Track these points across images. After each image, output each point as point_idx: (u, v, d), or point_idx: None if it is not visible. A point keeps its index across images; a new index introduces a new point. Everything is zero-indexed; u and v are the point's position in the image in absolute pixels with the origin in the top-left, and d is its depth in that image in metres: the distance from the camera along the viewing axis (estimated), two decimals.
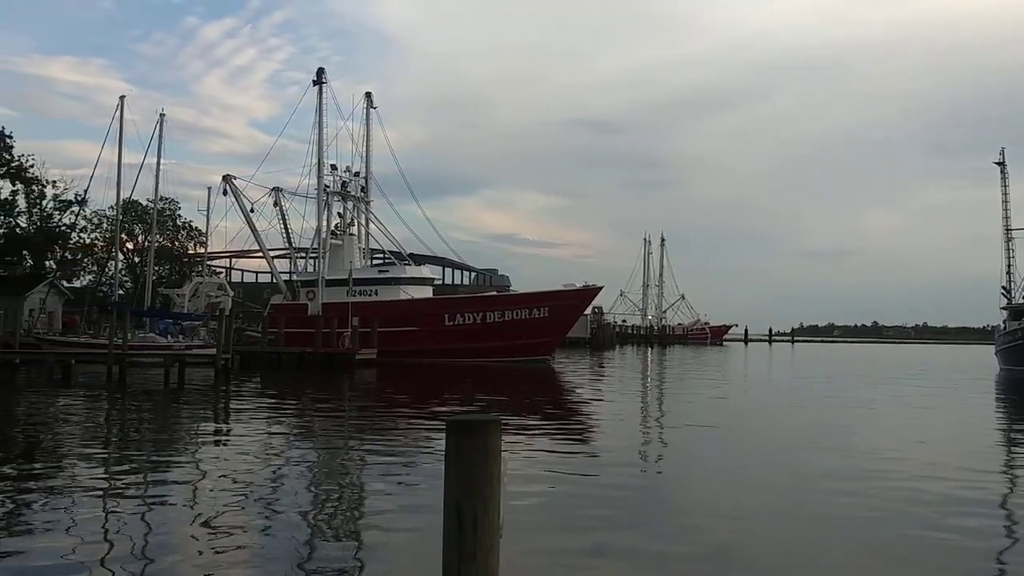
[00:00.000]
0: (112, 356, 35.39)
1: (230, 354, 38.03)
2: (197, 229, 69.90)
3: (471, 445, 3.93)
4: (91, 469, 14.63)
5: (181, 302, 55.87)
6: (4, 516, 11.00)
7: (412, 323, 52.89)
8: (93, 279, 63.35)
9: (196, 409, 26.15)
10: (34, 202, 58.74)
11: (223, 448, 17.72)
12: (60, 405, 26.35)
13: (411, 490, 12.66)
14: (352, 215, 60.90)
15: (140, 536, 9.74)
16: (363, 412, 25.65)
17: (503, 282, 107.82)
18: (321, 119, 58.04)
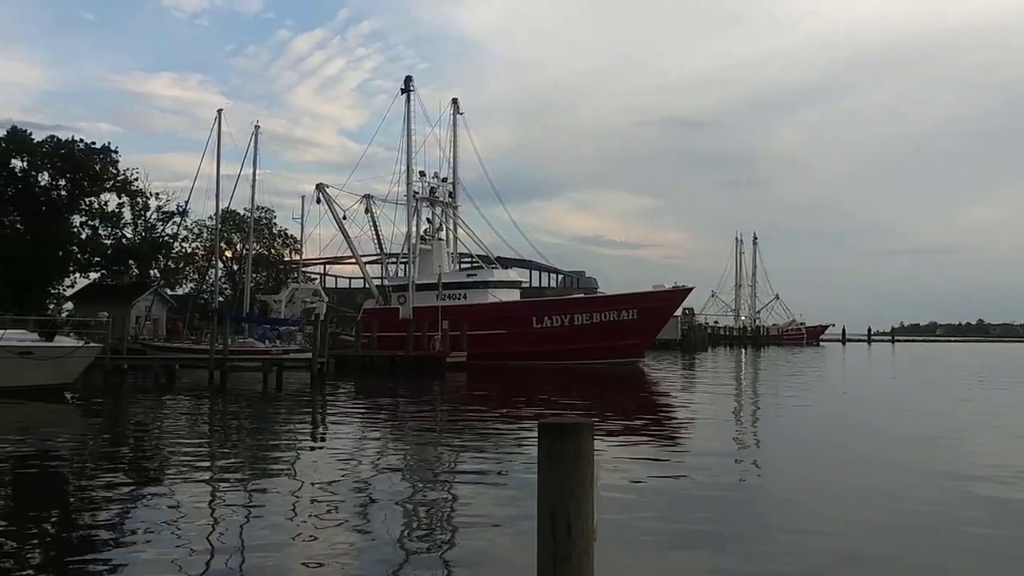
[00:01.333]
0: (213, 361, 36.63)
1: (325, 358, 38.90)
2: (292, 237, 71.91)
3: (564, 448, 3.92)
4: (194, 470, 15.17)
5: (278, 308, 57.53)
6: (115, 515, 11.52)
7: (500, 326, 53.15)
8: (194, 287, 65.83)
9: (293, 412, 26.85)
10: (139, 214, 61.35)
11: (320, 451, 18.14)
12: (165, 408, 27.46)
13: (503, 492, 12.71)
14: (441, 220, 61.66)
15: (241, 536, 10.04)
16: (454, 414, 25.90)
17: (590, 284, 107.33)
18: (409, 127, 58.96)
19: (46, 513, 11.58)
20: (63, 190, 56.11)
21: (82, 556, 9.34)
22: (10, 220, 52.95)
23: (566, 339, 53.41)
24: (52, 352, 28.80)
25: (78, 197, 56.51)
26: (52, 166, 55.53)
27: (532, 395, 31.70)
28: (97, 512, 11.64)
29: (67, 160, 55.37)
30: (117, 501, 12.36)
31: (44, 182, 55.76)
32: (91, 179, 56.57)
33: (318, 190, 59.40)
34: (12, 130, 54.98)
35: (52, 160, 55.33)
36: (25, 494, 13.29)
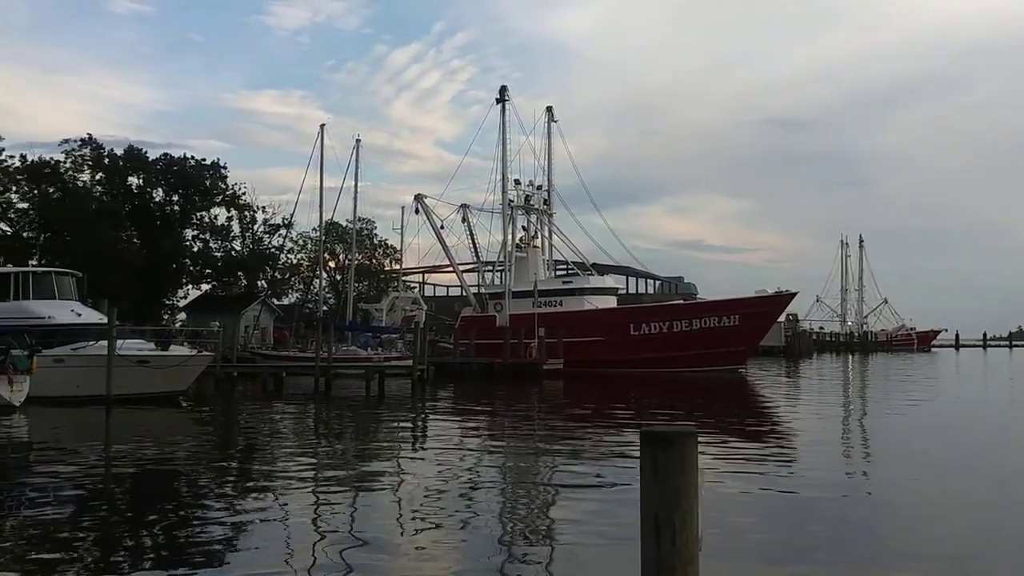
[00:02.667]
0: (319, 368, 37.66)
1: (425, 365, 39.49)
2: (392, 247, 73.26)
3: (667, 457, 3.88)
4: (301, 474, 15.63)
5: (379, 316, 58.70)
6: (226, 516, 11.97)
7: (597, 333, 52.86)
8: (300, 296, 67.78)
9: (395, 418, 27.35)
10: (246, 227, 63.62)
11: (421, 455, 18.43)
12: (273, 414, 28.38)
13: (603, 501, 12.64)
14: (536, 228, 61.80)
15: (345, 540, 10.26)
16: (552, 422, 25.92)
17: (689, 290, 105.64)
18: (504, 136, 59.33)
19: (162, 513, 12.12)
20: (176, 205, 58.75)
21: (195, 554, 9.74)
22: (128, 235, 55.70)
23: (664, 346, 52.70)
24: (168, 361, 30.13)
25: (190, 212, 59.06)
26: (166, 182, 58.21)
27: (630, 403, 31.44)
28: (209, 512, 12.12)
29: (180, 176, 57.95)
30: (228, 503, 12.86)
31: (159, 198, 58.51)
32: (202, 194, 59.03)
33: (417, 201, 60.42)
34: (129, 149, 57.93)
35: (166, 177, 58.01)
36: (143, 495, 13.95)
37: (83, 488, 14.34)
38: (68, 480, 15.07)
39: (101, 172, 56.49)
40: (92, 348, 28.44)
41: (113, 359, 27.67)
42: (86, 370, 27.67)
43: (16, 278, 31.42)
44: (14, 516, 12.05)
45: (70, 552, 9.75)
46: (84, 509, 12.51)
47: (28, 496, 13.53)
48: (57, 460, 17.53)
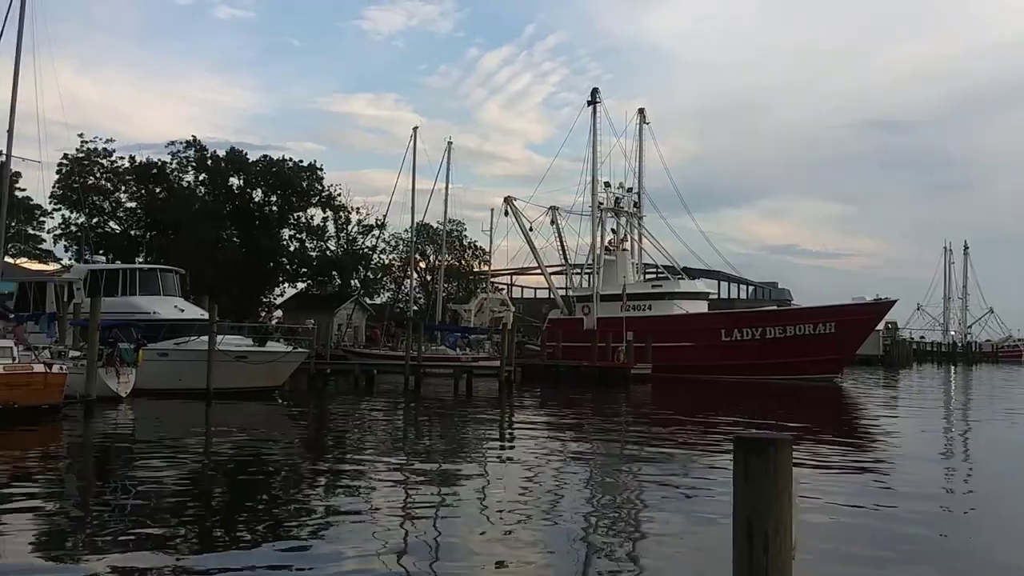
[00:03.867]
0: (409, 367, 38.26)
1: (512, 366, 39.68)
2: (481, 248, 73.91)
3: (762, 463, 3.82)
4: (390, 470, 15.91)
5: (468, 317, 59.28)
6: (317, 509, 12.30)
7: (687, 338, 52.14)
8: (391, 296, 69.00)
9: (483, 418, 27.56)
10: (341, 227, 65.02)
11: (508, 456, 18.54)
12: (364, 410, 28.97)
13: (692, 506, 12.47)
14: (625, 230, 61.43)
15: (431, 537, 10.38)
16: (640, 426, 25.71)
17: (783, 296, 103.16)
18: (595, 138, 59.15)
19: (255, 504, 12.54)
20: (274, 206, 60.52)
21: (286, 544, 10.02)
22: (228, 234, 57.68)
23: (757, 353, 51.62)
24: (265, 357, 31.09)
25: (287, 212, 60.75)
26: (265, 183, 60.04)
27: (721, 409, 30.90)
28: (300, 506, 12.48)
29: (278, 178, 59.69)
30: (319, 497, 13.20)
31: (258, 198, 60.39)
32: (299, 195, 60.67)
33: (506, 203, 60.78)
34: (231, 151, 59.97)
35: (265, 178, 59.84)
36: (240, 485, 14.43)
37: (183, 477, 14.94)
38: (170, 469, 15.73)
39: (204, 173, 58.67)
40: (194, 343, 29.56)
41: (214, 354, 28.69)
42: (188, 364, 28.76)
43: (124, 274, 32.97)
44: (119, 502, 12.65)
45: (170, 538, 10.17)
46: (184, 497, 13.03)
47: (133, 484, 14.17)
48: (160, 450, 18.29)
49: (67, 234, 54.61)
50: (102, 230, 54.72)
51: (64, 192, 53.14)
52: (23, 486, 13.92)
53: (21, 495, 12.99)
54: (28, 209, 53.39)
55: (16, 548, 9.69)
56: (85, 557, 9.24)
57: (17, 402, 20.94)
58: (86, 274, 32.30)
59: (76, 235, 52.51)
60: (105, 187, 56.05)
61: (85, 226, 50.60)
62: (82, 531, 10.58)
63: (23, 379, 21.67)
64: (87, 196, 51.39)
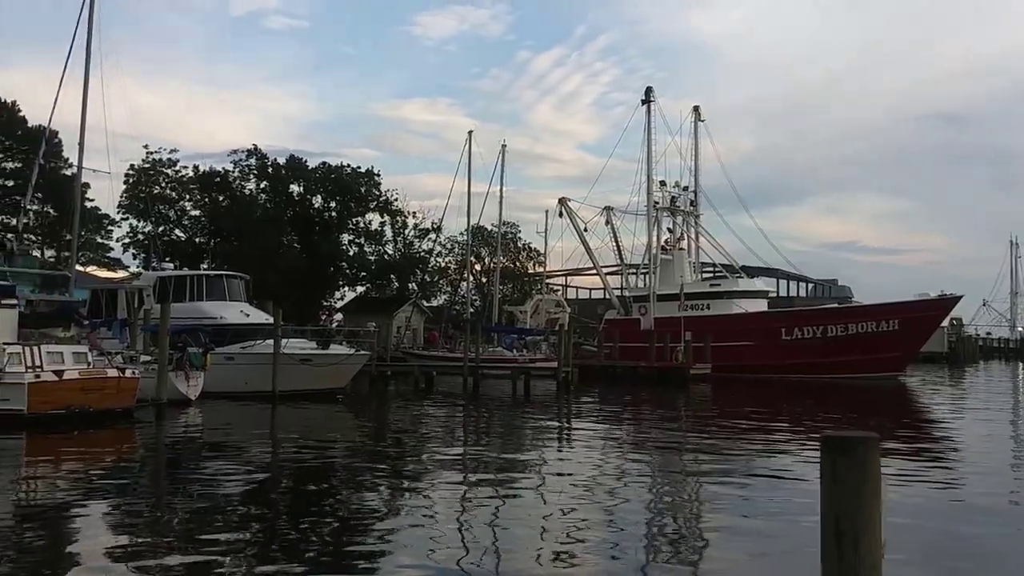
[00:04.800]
0: (467, 368, 38.53)
1: (569, 367, 39.68)
2: (536, 250, 74.00)
3: (849, 462, 3.84)
4: (449, 470, 16.12)
5: (523, 318, 59.39)
6: (378, 508, 12.54)
7: (746, 338, 51.47)
8: (448, 298, 69.46)
9: (541, 419, 27.64)
10: (398, 232, 65.74)
11: (567, 457, 18.59)
12: (424, 411, 29.29)
13: (755, 507, 12.38)
14: (682, 229, 60.88)
15: (489, 538, 10.47)
16: (701, 427, 25.54)
17: (844, 293, 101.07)
18: (649, 137, 58.80)
19: (319, 503, 12.82)
20: (333, 211, 61.47)
21: (348, 543, 10.26)
22: (289, 239, 58.73)
23: (819, 352, 50.73)
24: (328, 359, 31.62)
25: (346, 217, 61.64)
26: (324, 190, 61.02)
27: (783, 410, 30.52)
28: (362, 506, 12.72)
29: (337, 184, 60.62)
30: (381, 497, 13.42)
31: (318, 204, 61.42)
32: (357, 201, 61.51)
33: (560, 204, 60.74)
34: (290, 159, 61.09)
35: (324, 185, 60.82)
36: (303, 485, 14.72)
37: (250, 477, 15.33)
38: (237, 469, 16.16)
39: (265, 181, 59.85)
40: (259, 347, 30.20)
41: (279, 357, 29.27)
42: (254, 367, 29.40)
43: (192, 281, 33.85)
44: (189, 501, 13.04)
45: (235, 538, 10.46)
46: (250, 497, 13.38)
47: (201, 483, 14.60)
48: (228, 452, 18.78)
49: (135, 242, 56.21)
50: (168, 238, 56.14)
51: (131, 202, 54.69)
52: (99, 487, 14.45)
53: (97, 495, 13.50)
54: (97, 219, 55.21)
55: (91, 547, 10.07)
56: (156, 556, 9.54)
57: (92, 406, 21.63)
58: (155, 281, 33.22)
59: (144, 243, 53.98)
60: (170, 196, 57.55)
61: (152, 234, 51.99)
62: (153, 531, 10.95)
63: (98, 383, 22.40)
64: (154, 205, 52.82)
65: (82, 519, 11.75)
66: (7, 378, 20.30)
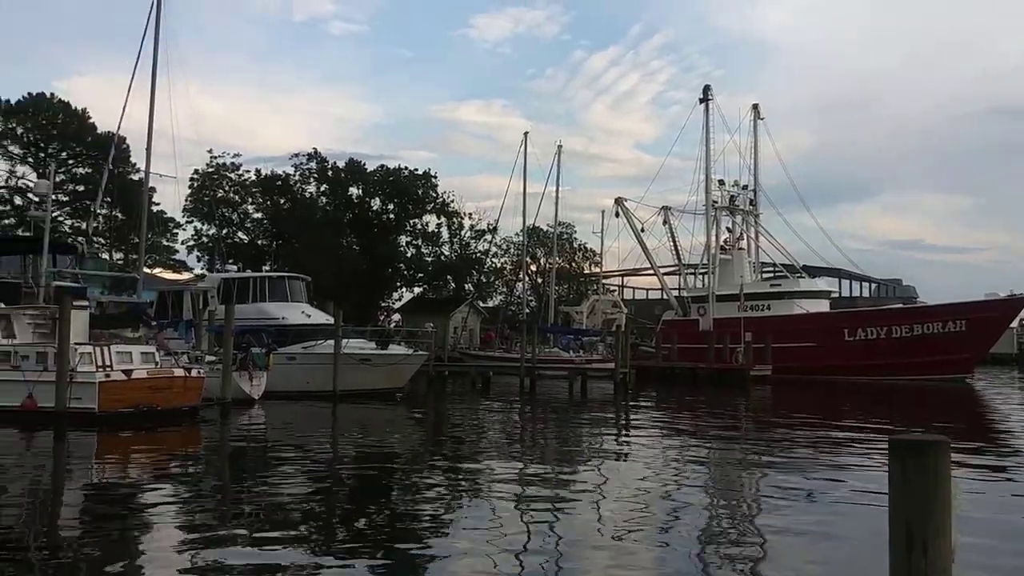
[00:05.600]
0: (523, 369, 38.59)
1: (627, 368, 39.49)
2: (592, 250, 73.76)
3: (919, 465, 3.76)
4: (507, 470, 16.16)
5: (580, 319, 59.27)
6: (436, 507, 12.62)
7: (808, 339, 50.62)
8: (504, 299, 69.69)
9: (598, 419, 27.56)
10: (455, 233, 66.22)
11: (624, 458, 18.51)
12: (481, 411, 29.42)
13: (821, 511, 12.17)
14: (741, 229, 60.14)
15: (549, 539, 10.44)
16: (761, 429, 25.18)
17: (908, 293, 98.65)
18: (708, 136, 58.28)
19: (379, 501, 13.01)
20: (392, 213, 62.18)
21: (406, 544, 10.33)
22: (348, 241, 59.56)
23: (883, 353, 49.64)
24: (387, 359, 31.98)
25: (404, 219, 62.30)
26: (382, 192, 61.78)
27: (846, 412, 29.92)
28: (420, 504, 12.81)
29: (395, 186, 61.33)
30: (439, 497, 13.49)
31: (376, 207, 62.21)
32: (415, 203, 62.14)
33: (617, 204, 60.48)
34: (349, 162, 61.99)
35: (382, 187, 61.58)
36: (363, 483, 14.91)
37: (312, 476, 15.57)
38: (299, 468, 16.45)
39: (325, 184, 60.81)
40: (320, 347, 30.70)
41: (339, 357, 29.69)
42: (315, 367, 29.90)
43: (255, 282, 34.55)
44: (252, 499, 13.31)
45: (296, 535, 10.63)
46: (312, 495, 13.58)
47: (264, 482, 14.88)
48: (290, 450, 19.10)
49: (199, 245, 57.60)
50: (231, 240, 57.38)
51: (196, 205, 56.02)
52: (166, 484, 14.84)
53: (164, 492, 13.86)
54: (163, 222, 56.61)
55: (158, 542, 10.37)
56: (220, 552, 9.75)
57: (160, 404, 22.23)
58: (219, 283, 33.97)
59: (208, 246, 55.28)
60: (233, 199, 58.82)
61: (216, 237, 53.21)
62: (218, 527, 11.20)
63: (165, 383, 23.00)
64: (217, 208, 54.03)
65: (149, 515, 12.08)
66: (79, 377, 20.89)
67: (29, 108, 54.42)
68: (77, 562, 9.44)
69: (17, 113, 54.09)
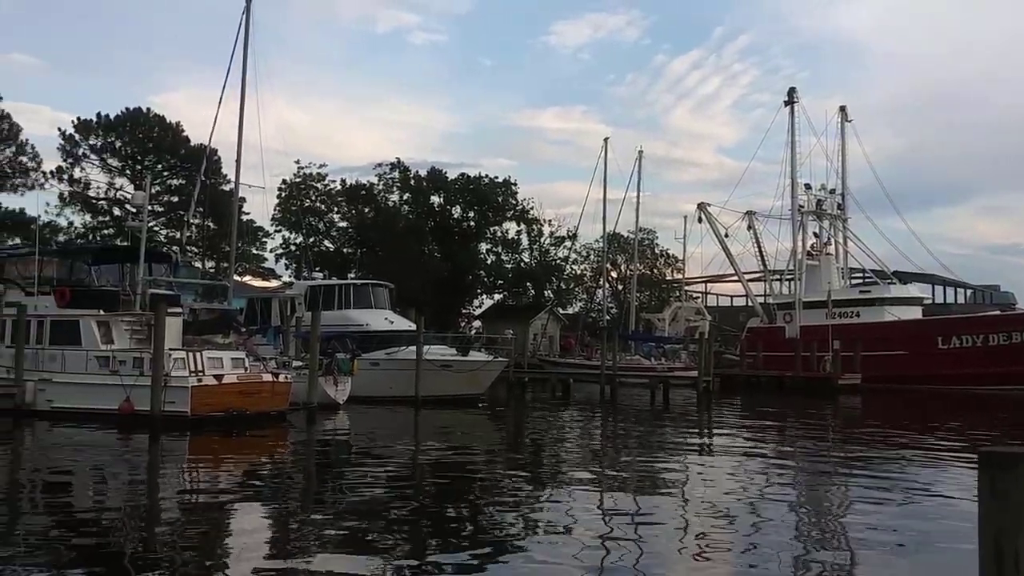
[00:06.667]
0: (604, 376, 38.39)
1: (711, 377, 38.90)
2: (674, 256, 72.95)
3: (1010, 479, 3.62)
4: (587, 478, 16.10)
5: (661, 326, 58.67)
6: (517, 513, 12.64)
7: (899, 347, 48.97)
8: (583, 306, 69.52)
9: (680, 429, 27.21)
10: (534, 240, 66.47)
11: (707, 470, 18.18)
12: (562, 419, 29.38)
13: (910, 526, 11.75)
14: (829, 234, 58.64)
15: (630, 551, 10.24)
16: (850, 441, 24.45)
17: (1006, 299, 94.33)
18: (793, 139, 57.08)
19: (460, 506, 13.07)
20: (472, 221, 62.79)
21: (487, 551, 10.35)
22: (430, 249, 60.37)
23: (979, 361, 47.61)
24: (467, 366, 32.25)
25: (484, 227, 62.84)
26: (463, 200, 62.44)
27: (939, 423, 28.82)
28: (500, 510, 12.84)
29: (475, 194, 61.95)
30: (518, 504, 13.49)
31: (457, 215, 62.90)
32: (495, 210, 62.63)
33: (699, 209, 59.61)
34: (431, 171, 62.91)
35: (463, 195, 62.25)
36: (443, 491, 14.98)
37: (394, 481, 15.79)
38: (383, 472, 16.72)
39: (407, 192, 61.79)
40: (403, 353, 31.17)
41: (421, 363, 30.08)
42: (398, 373, 30.36)
43: (340, 290, 35.33)
44: (339, 502, 13.58)
45: (377, 541, 10.77)
46: (394, 498, 13.76)
47: (349, 486, 15.16)
48: (374, 455, 19.44)
49: (287, 253, 59.18)
50: (318, 248, 58.78)
51: (284, 214, 57.60)
52: (255, 486, 15.29)
53: (253, 494, 14.28)
54: (253, 231, 58.41)
55: (246, 543, 10.67)
56: (305, 554, 9.98)
57: (249, 408, 22.85)
58: (306, 290, 34.81)
59: (295, 254, 56.77)
60: (320, 209, 60.28)
61: (303, 245, 54.60)
62: (303, 530, 11.45)
63: (254, 387, 23.66)
64: (304, 217, 55.46)
65: (238, 516, 12.46)
66: (173, 382, 21.59)
67: (127, 123, 56.82)
68: (168, 560, 9.79)
69: (116, 128, 56.51)
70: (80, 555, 9.78)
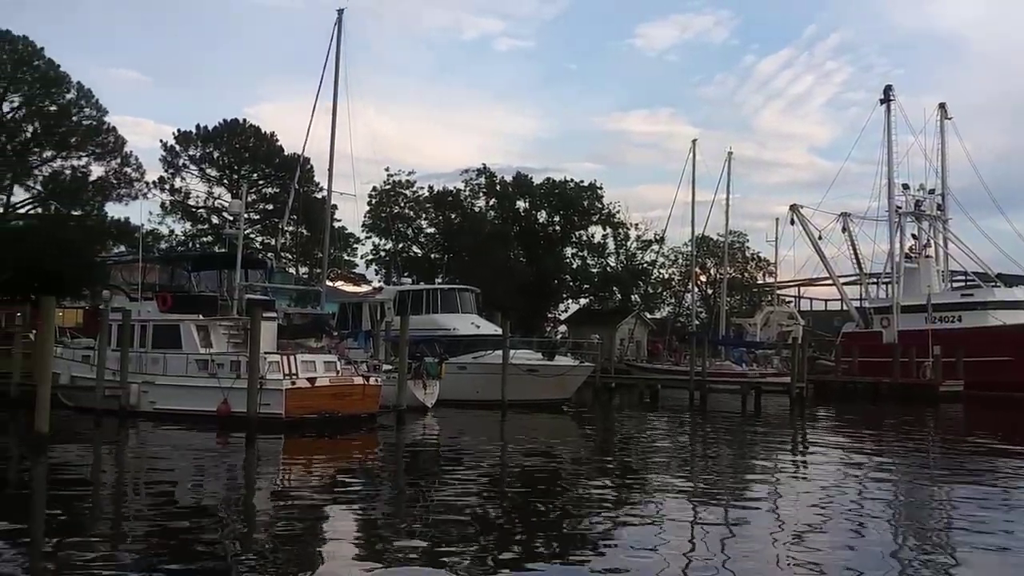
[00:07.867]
0: (693, 382, 37.81)
1: (804, 383, 37.88)
2: (765, 259, 71.38)
3: None
4: (675, 485, 15.85)
5: (753, 331, 57.46)
6: (603, 519, 12.55)
7: (1005, 352, 46.67)
8: (672, 310, 68.61)
9: (773, 436, 26.58)
10: (620, 244, 65.89)
11: (800, 476, 17.72)
12: (649, 425, 29.05)
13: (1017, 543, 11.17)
14: (928, 235, 56.46)
15: (719, 561, 10.07)
16: (951, 450, 23.45)
17: None
18: (889, 138, 55.19)
19: (547, 514, 13.01)
20: (557, 225, 62.74)
21: (571, 555, 10.32)
22: (515, 254, 60.54)
23: None
24: (554, 370, 32.23)
25: (569, 231, 62.70)
26: (548, 205, 62.45)
27: None
28: (588, 520, 12.75)
29: (561, 199, 61.86)
30: (606, 512, 13.37)
31: (542, 219, 62.94)
32: (580, 215, 62.42)
33: (792, 211, 58.14)
34: (517, 176, 63.08)
35: (548, 200, 62.25)
36: (530, 496, 14.96)
37: (482, 483, 15.89)
38: (471, 476, 16.84)
39: (493, 198, 62.13)
40: (489, 357, 31.33)
41: (507, 367, 30.20)
42: (484, 377, 30.55)
43: (428, 294, 35.80)
44: (427, 504, 13.71)
45: (464, 544, 10.81)
46: (482, 502, 13.85)
47: (438, 487, 15.32)
48: (462, 458, 19.61)
49: (377, 259, 60.27)
50: (406, 254, 59.64)
51: (374, 221, 58.64)
52: (347, 487, 15.61)
53: (346, 496, 14.57)
54: (344, 237, 59.75)
55: (337, 544, 10.90)
56: (394, 558, 10.10)
57: (341, 411, 23.35)
58: (395, 295, 35.36)
59: (385, 260, 57.73)
60: (408, 215, 61.17)
61: (393, 251, 55.51)
62: (393, 532, 11.60)
63: (346, 390, 24.17)
64: (394, 224, 56.38)
65: (332, 517, 12.73)
66: (268, 384, 22.17)
67: (224, 134, 58.79)
68: (263, 559, 10.06)
69: (214, 138, 58.55)
70: (182, 551, 10.14)
